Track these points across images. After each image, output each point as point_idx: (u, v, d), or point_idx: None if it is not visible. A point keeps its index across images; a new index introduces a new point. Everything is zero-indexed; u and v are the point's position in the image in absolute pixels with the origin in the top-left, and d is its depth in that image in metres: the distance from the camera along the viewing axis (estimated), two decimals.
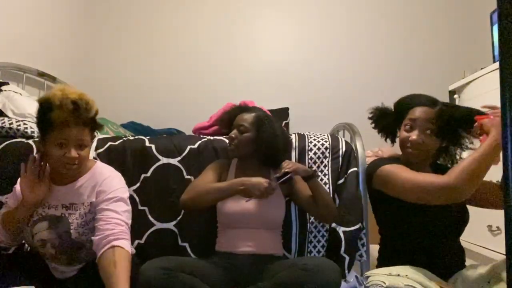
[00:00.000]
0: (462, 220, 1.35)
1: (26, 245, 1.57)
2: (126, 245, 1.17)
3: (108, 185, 1.27)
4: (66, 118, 1.17)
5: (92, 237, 1.20)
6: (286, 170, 1.37)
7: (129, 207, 1.30)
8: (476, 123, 1.25)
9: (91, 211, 1.27)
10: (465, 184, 1.16)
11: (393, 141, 1.53)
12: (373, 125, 1.53)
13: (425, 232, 1.32)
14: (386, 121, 1.49)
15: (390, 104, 1.51)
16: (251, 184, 1.34)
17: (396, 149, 1.52)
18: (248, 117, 1.54)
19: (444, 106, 1.35)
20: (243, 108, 1.62)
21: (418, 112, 1.35)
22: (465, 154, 1.49)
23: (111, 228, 1.18)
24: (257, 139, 1.50)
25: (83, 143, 1.22)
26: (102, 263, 1.12)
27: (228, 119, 1.61)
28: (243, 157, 1.54)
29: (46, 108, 1.19)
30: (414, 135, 1.34)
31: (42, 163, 1.26)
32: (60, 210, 1.28)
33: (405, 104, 1.42)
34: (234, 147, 1.51)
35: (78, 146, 1.21)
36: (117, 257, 1.11)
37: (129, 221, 1.27)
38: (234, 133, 1.52)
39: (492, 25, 2.36)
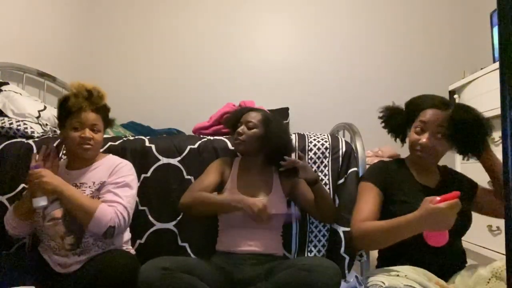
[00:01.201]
0: (463, 224, 1.35)
1: (27, 244, 1.58)
2: (105, 207, 1.29)
3: (120, 170, 1.42)
4: (81, 103, 1.35)
5: None
6: (291, 165, 1.40)
7: (134, 191, 1.41)
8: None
9: (100, 189, 1.38)
10: (359, 243, 1.28)
11: (403, 141, 1.49)
12: (383, 124, 1.49)
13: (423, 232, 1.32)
14: (397, 121, 1.44)
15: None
16: (248, 204, 1.34)
17: (396, 149, 1.52)
18: (256, 115, 1.56)
19: (456, 109, 1.31)
20: (250, 108, 1.64)
21: (429, 114, 1.32)
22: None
23: (109, 206, 1.31)
24: (265, 137, 1.51)
25: (96, 127, 1.40)
26: None
27: (234, 118, 1.62)
28: (248, 153, 1.54)
29: (64, 100, 1.39)
30: (424, 138, 1.31)
31: (50, 154, 1.40)
32: None
33: (416, 105, 1.38)
34: (240, 141, 1.51)
35: (92, 130, 1.39)
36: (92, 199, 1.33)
37: (130, 204, 1.37)
38: (241, 128, 1.52)
39: (492, 25, 2.36)
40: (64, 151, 1.56)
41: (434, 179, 1.41)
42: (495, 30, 2.33)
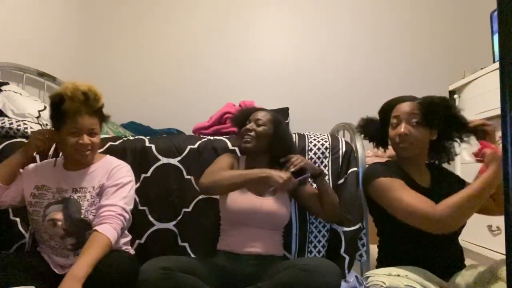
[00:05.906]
0: None
1: (26, 245, 1.58)
2: (105, 229, 1.25)
3: (118, 173, 1.40)
4: (78, 108, 1.29)
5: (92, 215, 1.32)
6: (300, 166, 1.41)
7: (131, 193, 1.40)
8: (479, 149, 1.29)
9: (99, 193, 1.36)
10: (451, 221, 1.17)
11: (384, 147, 1.57)
12: (362, 136, 1.59)
13: (421, 232, 1.31)
14: (373, 128, 1.53)
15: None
16: (274, 174, 1.35)
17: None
18: (266, 114, 1.58)
19: (424, 97, 1.39)
20: (259, 108, 1.66)
21: (400, 107, 1.40)
22: (458, 149, 1.49)
23: (104, 211, 1.30)
24: (273, 136, 1.52)
25: (93, 131, 1.35)
26: None
27: (242, 116, 1.62)
28: (256, 151, 1.54)
29: (58, 101, 1.30)
30: (401, 128, 1.37)
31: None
32: (70, 193, 1.36)
33: (387, 106, 1.46)
34: (250, 138, 1.51)
35: (90, 134, 1.34)
36: (91, 238, 1.23)
37: (128, 206, 1.35)
38: (251, 125, 1.53)
39: (492, 25, 2.36)
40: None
41: (426, 178, 1.42)
42: (495, 29, 2.33)
